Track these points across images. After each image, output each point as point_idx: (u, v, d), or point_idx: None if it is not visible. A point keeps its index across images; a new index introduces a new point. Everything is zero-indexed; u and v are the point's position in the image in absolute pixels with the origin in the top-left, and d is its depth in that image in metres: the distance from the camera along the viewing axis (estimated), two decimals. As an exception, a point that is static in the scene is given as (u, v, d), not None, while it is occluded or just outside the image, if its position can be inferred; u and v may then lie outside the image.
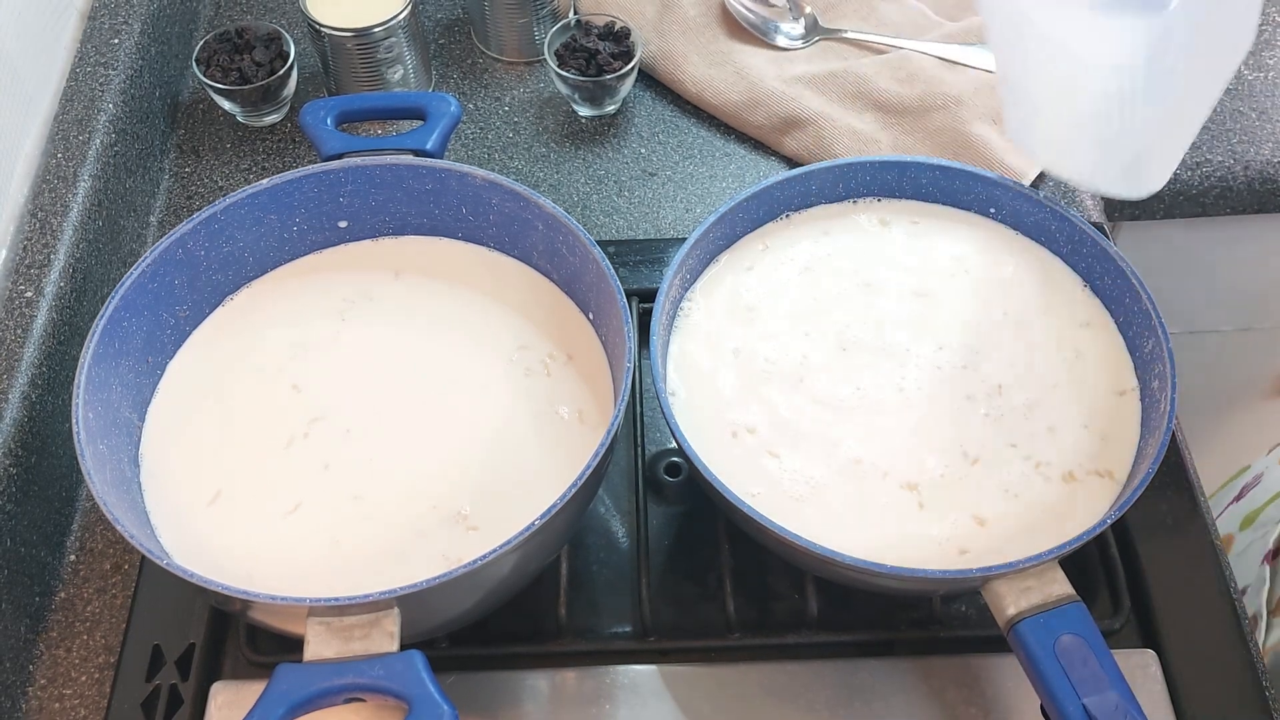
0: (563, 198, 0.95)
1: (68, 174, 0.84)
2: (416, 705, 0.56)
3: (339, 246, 0.80)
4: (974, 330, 0.75)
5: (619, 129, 0.99)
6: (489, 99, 1.01)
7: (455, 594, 0.62)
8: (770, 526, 0.63)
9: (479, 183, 0.76)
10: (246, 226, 0.76)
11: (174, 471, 0.71)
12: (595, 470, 0.63)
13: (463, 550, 0.66)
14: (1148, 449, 0.67)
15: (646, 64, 1.01)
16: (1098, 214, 0.93)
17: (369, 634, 0.58)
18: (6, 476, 0.71)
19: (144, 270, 0.71)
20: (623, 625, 0.73)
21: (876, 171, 0.79)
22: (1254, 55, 1.03)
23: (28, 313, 0.77)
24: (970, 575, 0.62)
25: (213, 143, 0.99)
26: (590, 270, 0.73)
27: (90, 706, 0.72)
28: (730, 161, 0.97)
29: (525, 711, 0.69)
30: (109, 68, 0.90)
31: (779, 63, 1.00)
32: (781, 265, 0.78)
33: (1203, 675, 0.70)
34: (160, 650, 0.71)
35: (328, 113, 0.78)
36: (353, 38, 0.94)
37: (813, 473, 0.69)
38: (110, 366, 0.69)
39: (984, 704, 0.69)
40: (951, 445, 0.70)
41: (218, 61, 0.96)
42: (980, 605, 0.64)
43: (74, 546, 0.78)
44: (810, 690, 0.70)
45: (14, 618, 0.72)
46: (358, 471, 0.70)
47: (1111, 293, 0.75)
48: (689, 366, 0.73)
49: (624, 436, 0.78)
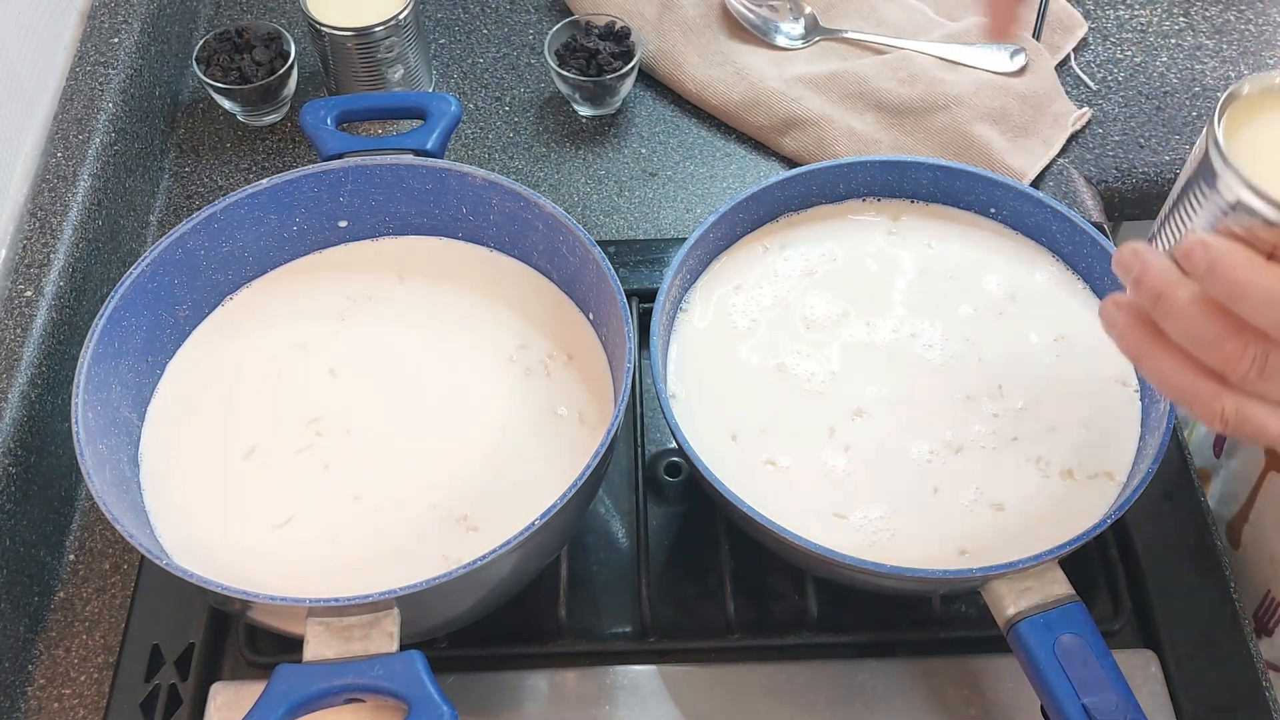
0: (563, 198, 0.95)
1: (67, 174, 0.83)
2: (416, 705, 0.56)
3: (339, 246, 0.80)
4: (974, 330, 0.75)
5: (619, 129, 0.99)
6: (489, 99, 1.01)
7: (455, 594, 0.62)
8: (770, 526, 0.63)
9: (479, 183, 0.76)
10: (246, 226, 0.76)
11: (174, 471, 0.71)
12: (595, 470, 0.63)
13: (463, 550, 0.66)
14: (1148, 448, 0.67)
15: (647, 64, 1.01)
16: (1098, 214, 0.93)
17: (369, 634, 0.58)
18: (6, 476, 0.71)
19: (144, 270, 0.71)
20: (622, 625, 0.73)
21: (877, 171, 0.79)
22: (1254, 55, 1.03)
23: (28, 313, 0.77)
24: (970, 575, 0.62)
25: (212, 142, 0.99)
26: (590, 270, 0.72)
27: (89, 706, 0.72)
28: (730, 161, 0.97)
29: (525, 712, 0.69)
30: (109, 67, 0.90)
31: (779, 63, 1.00)
32: (781, 265, 0.78)
33: (1203, 675, 0.70)
34: (159, 650, 0.71)
35: (328, 112, 0.78)
36: (353, 37, 0.94)
37: (813, 472, 0.69)
38: (110, 366, 0.69)
39: (984, 704, 0.69)
40: (952, 445, 0.70)
41: (218, 61, 0.96)
42: (980, 605, 0.64)
43: (73, 546, 0.78)
44: (810, 691, 0.70)
45: (13, 618, 0.72)
46: (358, 472, 0.70)
47: (1112, 293, 0.75)
48: (689, 367, 0.73)
49: (624, 437, 0.78)
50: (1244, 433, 0.47)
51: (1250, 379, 0.45)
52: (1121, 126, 0.98)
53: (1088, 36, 1.04)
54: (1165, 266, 0.47)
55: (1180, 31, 1.04)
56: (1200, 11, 1.06)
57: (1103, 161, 0.97)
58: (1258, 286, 0.44)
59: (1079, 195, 0.94)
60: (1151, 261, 0.47)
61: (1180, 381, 0.47)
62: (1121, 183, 0.96)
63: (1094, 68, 1.02)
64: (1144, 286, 0.48)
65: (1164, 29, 1.05)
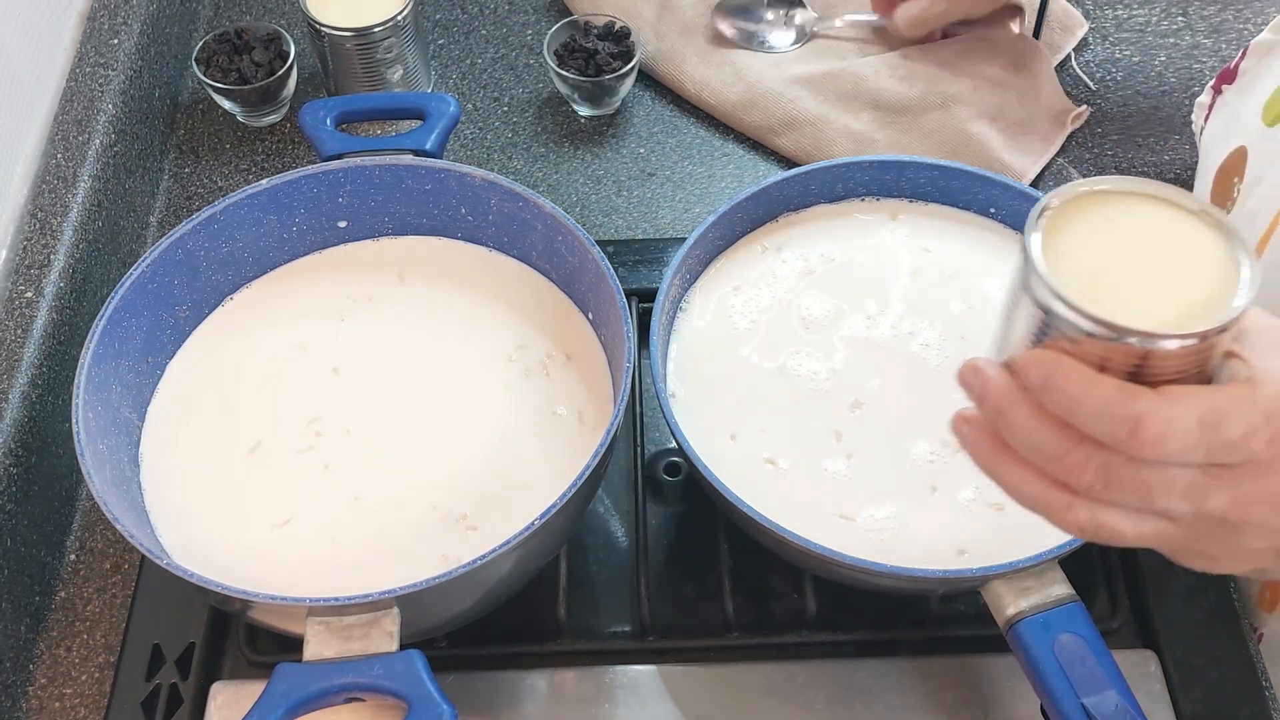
0: (562, 198, 0.95)
1: (67, 174, 0.84)
2: (416, 705, 0.56)
3: (338, 247, 0.80)
4: (973, 330, 0.75)
5: (618, 129, 0.99)
6: (488, 99, 1.01)
7: (455, 594, 0.62)
8: (770, 526, 0.63)
9: (478, 183, 0.76)
10: (246, 227, 0.76)
11: (174, 471, 0.71)
12: (595, 470, 0.63)
13: (462, 550, 0.66)
14: (1147, 449, 0.67)
15: (646, 64, 1.01)
16: (1097, 214, 0.93)
17: (369, 634, 0.58)
18: (6, 476, 0.71)
19: (144, 270, 0.71)
20: (622, 625, 0.73)
21: (875, 171, 0.79)
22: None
23: (28, 313, 0.77)
24: (970, 575, 0.62)
25: (212, 143, 0.99)
26: (589, 270, 0.73)
27: (90, 706, 0.72)
28: (729, 161, 0.97)
29: (525, 711, 0.70)
30: (109, 68, 0.90)
31: (778, 63, 1.00)
32: (780, 265, 0.78)
33: (1202, 675, 0.70)
34: (160, 650, 0.72)
35: (327, 113, 0.78)
36: (353, 37, 0.94)
37: (812, 472, 0.69)
38: (110, 366, 0.69)
39: (984, 704, 0.69)
40: (951, 444, 0.70)
41: (217, 62, 0.96)
42: (980, 605, 0.64)
43: (74, 546, 0.78)
44: (809, 690, 0.70)
45: (14, 617, 0.72)
46: (358, 472, 0.70)
47: (1110, 292, 0.75)
48: (688, 366, 0.73)
49: (623, 436, 0.78)
50: (1101, 539, 0.47)
51: (1096, 490, 0.45)
52: (1119, 125, 0.99)
53: (1087, 36, 1.04)
54: (1004, 382, 0.47)
55: (1178, 31, 1.04)
56: (1198, 11, 1.06)
57: (1101, 160, 0.97)
58: (1090, 400, 0.44)
59: (1078, 195, 0.94)
60: (990, 378, 0.47)
61: (1033, 494, 0.47)
62: (1120, 182, 0.96)
63: (1092, 67, 1.02)
64: (986, 404, 0.48)
65: (1162, 28, 1.05)
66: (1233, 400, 0.44)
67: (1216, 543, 0.47)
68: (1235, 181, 0.70)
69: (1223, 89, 0.75)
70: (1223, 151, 0.72)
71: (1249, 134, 0.70)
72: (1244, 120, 0.71)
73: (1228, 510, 0.45)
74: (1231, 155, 0.71)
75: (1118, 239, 0.46)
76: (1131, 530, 0.46)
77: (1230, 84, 0.74)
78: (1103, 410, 0.44)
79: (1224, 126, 0.73)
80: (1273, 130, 0.68)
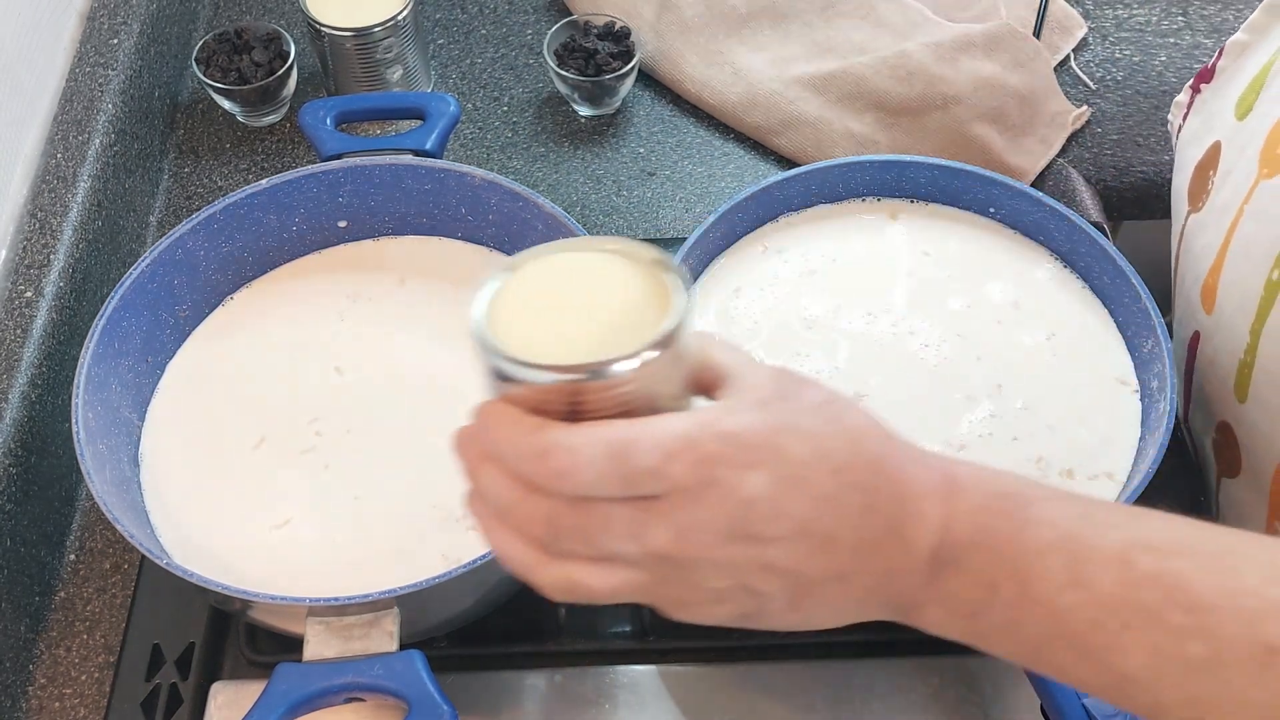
0: (561, 197, 0.95)
1: (67, 174, 0.84)
2: (416, 705, 0.56)
3: (338, 246, 0.80)
4: (973, 330, 0.75)
5: (618, 129, 0.99)
6: (487, 99, 1.01)
7: (455, 594, 0.62)
8: (770, 526, 0.63)
9: (478, 182, 0.76)
10: (246, 227, 0.76)
11: (174, 471, 0.71)
12: (595, 470, 0.63)
13: (462, 550, 0.66)
14: (1147, 449, 0.67)
15: (646, 64, 1.01)
16: (1097, 214, 0.93)
17: (368, 634, 0.58)
18: (6, 476, 0.71)
19: (143, 270, 0.71)
20: (622, 625, 0.73)
21: (876, 171, 0.79)
22: (1253, 55, 1.03)
23: (28, 313, 0.77)
24: (969, 575, 0.62)
25: (212, 143, 0.99)
26: (590, 270, 0.72)
27: (90, 706, 0.72)
28: (729, 161, 0.98)
29: (525, 711, 0.69)
30: (108, 68, 0.90)
31: (778, 63, 1.00)
32: (781, 266, 0.78)
33: (1202, 674, 0.70)
34: (160, 650, 0.71)
35: (327, 113, 0.78)
36: (352, 37, 0.94)
37: (812, 472, 0.69)
38: (110, 366, 0.69)
39: (983, 704, 0.69)
40: (951, 444, 0.70)
41: (217, 62, 0.96)
42: (979, 605, 0.64)
43: (74, 546, 0.78)
44: (810, 690, 0.70)
45: (14, 617, 0.72)
46: (358, 472, 0.70)
47: (1111, 292, 0.75)
48: (688, 366, 0.73)
49: (623, 436, 0.78)
50: (579, 598, 0.44)
51: (549, 541, 0.43)
52: (1120, 125, 0.99)
53: (1087, 36, 1.04)
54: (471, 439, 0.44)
55: (1178, 30, 1.04)
56: (1198, 10, 1.06)
57: (1101, 160, 0.97)
58: (506, 438, 0.42)
59: (1078, 195, 0.94)
60: (463, 436, 0.45)
61: (511, 555, 0.44)
62: (1120, 182, 0.96)
63: (1092, 67, 1.02)
64: (463, 465, 0.45)
65: (1162, 28, 1.05)
66: (645, 427, 0.41)
67: (679, 585, 0.44)
68: (1210, 175, 0.70)
69: (1201, 88, 0.75)
70: (1200, 148, 0.72)
71: (1224, 129, 0.70)
72: (1220, 117, 0.72)
73: (670, 546, 0.42)
74: (1208, 151, 0.71)
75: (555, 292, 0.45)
76: (600, 583, 0.43)
77: (1208, 83, 0.74)
78: (517, 447, 0.42)
79: (1202, 124, 0.74)
80: (1243, 123, 0.68)
